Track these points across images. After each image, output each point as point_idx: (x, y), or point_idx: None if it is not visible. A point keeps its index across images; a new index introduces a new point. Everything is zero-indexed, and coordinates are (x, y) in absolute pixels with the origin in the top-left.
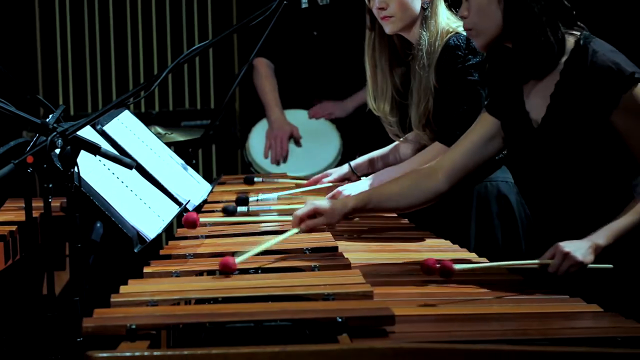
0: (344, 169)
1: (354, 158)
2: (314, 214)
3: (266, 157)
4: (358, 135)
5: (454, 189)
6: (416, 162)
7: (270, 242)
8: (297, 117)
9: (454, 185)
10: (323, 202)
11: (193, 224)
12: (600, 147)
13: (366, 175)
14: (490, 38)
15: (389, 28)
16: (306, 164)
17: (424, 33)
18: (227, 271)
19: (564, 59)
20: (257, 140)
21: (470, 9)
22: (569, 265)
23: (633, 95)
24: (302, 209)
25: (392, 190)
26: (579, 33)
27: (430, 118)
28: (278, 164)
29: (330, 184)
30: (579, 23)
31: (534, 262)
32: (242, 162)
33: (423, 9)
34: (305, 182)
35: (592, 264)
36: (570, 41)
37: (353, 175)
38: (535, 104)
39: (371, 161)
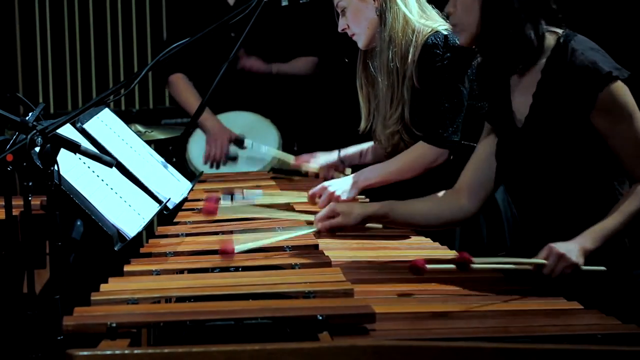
0: (333, 155)
1: (293, 150)
2: (332, 214)
3: (205, 162)
4: (295, 127)
5: (482, 205)
6: (400, 161)
7: (284, 236)
8: (230, 119)
9: (480, 203)
10: (342, 205)
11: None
12: (582, 147)
13: (352, 167)
14: (474, 34)
15: (359, 44)
16: (247, 162)
17: (378, 40)
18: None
19: (545, 57)
20: (196, 151)
21: (457, 5)
22: (564, 267)
23: (609, 94)
24: (321, 211)
25: (419, 208)
26: (560, 31)
27: (405, 124)
28: (218, 166)
29: (316, 167)
30: (561, 21)
31: (529, 261)
32: None
33: (379, 17)
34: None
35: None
36: (551, 39)
37: (340, 164)
38: (519, 104)
39: (360, 153)
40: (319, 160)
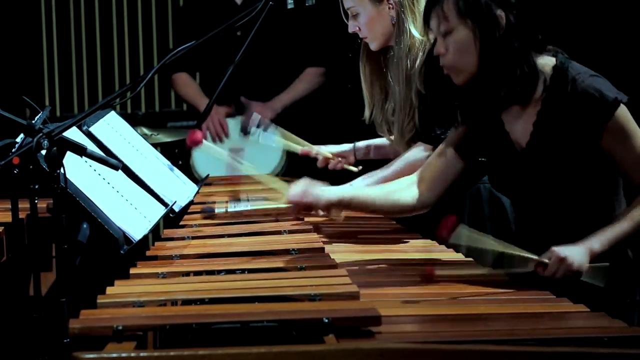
0: (347, 146)
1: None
2: (303, 194)
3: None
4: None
5: (441, 198)
6: (399, 166)
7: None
8: (237, 123)
9: (438, 196)
10: (316, 190)
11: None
12: (585, 168)
13: (361, 161)
14: (472, 74)
15: (371, 46)
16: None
17: (395, 48)
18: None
19: (542, 85)
20: (200, 156)
21: (448, 46)
22: (565, 270)
23: (616, 121)
24: (294, 188)
25: (376, 195)
26: (553, 57)
27: (416, 130)
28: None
29: (329, 154)
30: (549, 47)
31: (532, 257)
32: None
33: (394, 25)
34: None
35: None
36: (547, 66)
37: (351, 155)
38: (517, 130)
39: (368, 147)
40: (331, 147)
